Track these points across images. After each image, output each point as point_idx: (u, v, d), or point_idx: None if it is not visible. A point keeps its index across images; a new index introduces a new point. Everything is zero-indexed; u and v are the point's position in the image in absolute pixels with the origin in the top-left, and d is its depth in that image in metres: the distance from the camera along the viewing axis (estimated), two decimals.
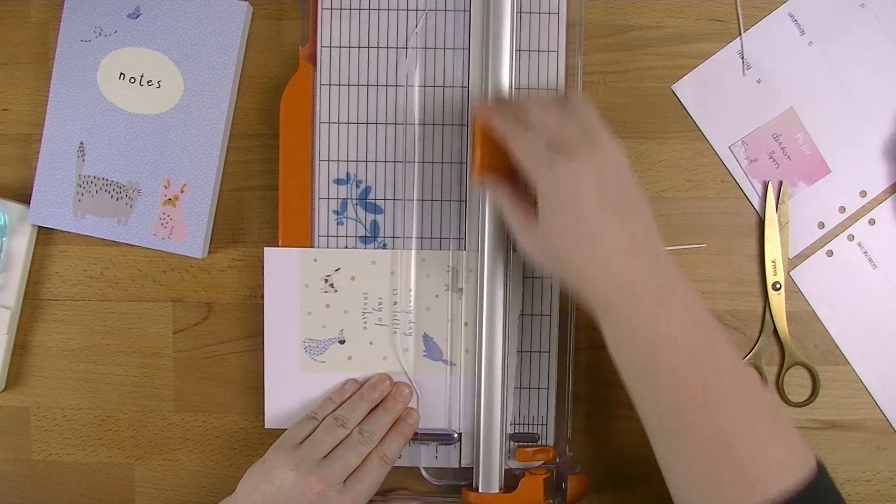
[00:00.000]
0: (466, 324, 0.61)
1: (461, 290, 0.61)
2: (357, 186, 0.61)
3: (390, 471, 0.58)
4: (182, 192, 0.62)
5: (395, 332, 0.61)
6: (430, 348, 0.61)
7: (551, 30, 0.61)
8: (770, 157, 0.62)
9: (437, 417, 0.61)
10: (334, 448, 0.56)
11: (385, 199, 0.61)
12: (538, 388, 0.61)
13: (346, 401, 0.59)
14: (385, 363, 0.61)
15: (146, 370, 0.64)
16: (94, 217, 0.62)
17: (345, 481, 0.55)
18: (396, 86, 0.61)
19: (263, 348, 0.61)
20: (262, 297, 0.61)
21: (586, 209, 0.48)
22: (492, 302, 0.59)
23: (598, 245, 0.48)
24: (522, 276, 0.61)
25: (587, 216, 0.48)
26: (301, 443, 0.56)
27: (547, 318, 0.61)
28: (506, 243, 0.59)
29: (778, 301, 0.62)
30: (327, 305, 0.60)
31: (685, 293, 0.48)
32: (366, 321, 0.61)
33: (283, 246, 0.61)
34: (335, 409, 0.59)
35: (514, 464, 0.61)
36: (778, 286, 0.62)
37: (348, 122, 0.61)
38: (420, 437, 0.61)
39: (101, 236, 0.62)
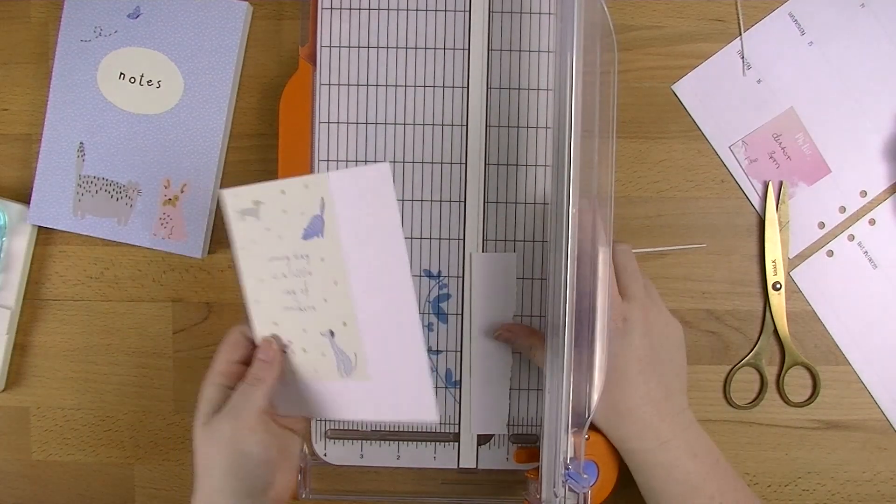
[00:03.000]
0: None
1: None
2: None
3: (387, 472, 0.57)
4: (182, 192, 0.62)
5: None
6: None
7: (551, 30, 0.61)
8: (770, 157, 0.62)
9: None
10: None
11: None
12: (537, 390, 0.61)
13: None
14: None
15: (146, 370, 0.64)
16: (94, 217, 0.62)
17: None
18: (396, 86, 0.61)
19: None
20: None
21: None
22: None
23: (633, 396, 0.53)
24: (516, 277, 0.61)
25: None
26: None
27: (545, 320, 0.61)
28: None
29: (778, 301, 0.62)
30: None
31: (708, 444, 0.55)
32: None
33: None
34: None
35: (512, 465, 0.61)
36: (778, 286, 0.62)
37: (348, 122, 0.61)
38: (420, 437, 0.61)
39: (101, 236, 0.62)
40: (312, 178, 0.50)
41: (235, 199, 0.52)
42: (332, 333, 0.52)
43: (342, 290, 0.50)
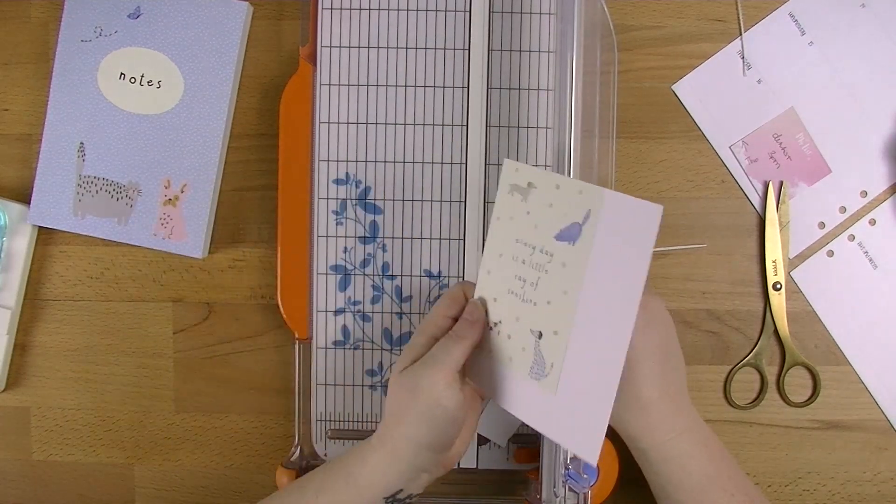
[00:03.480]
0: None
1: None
2: (356, 187, 0.61)
3: None
4: (182, 192, 0.62)
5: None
6: None
7: (552, 30, 0.61)
8: (770, 157, 0.62)
9: None
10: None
11: (384, 200, 0.61)
12: None
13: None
14: None
15: (146, 370, 0.64)
16: (95, 217, 0.62)
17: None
18: (396, 86, 0.61)
19: None
20: (263, 296, 0.61)
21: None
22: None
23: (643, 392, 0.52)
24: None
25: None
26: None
27: None
28: None
29: (778, 301, 0.62)
30: None
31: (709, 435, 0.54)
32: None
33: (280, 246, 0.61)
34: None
35: (512, 465, 0.61)
36: (778, 286, 0.62)
37: (348, 122, 0.61)
38: None
39: (101, 236, 0.62)
40: (589, 186, 0.49)
41: (516, 172, 0.52)
42: (539, 335, 0.51)
43: (569, 301, 0.50)
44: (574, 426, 0.50)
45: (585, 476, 0.55)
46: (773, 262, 0.62)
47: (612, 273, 0.48)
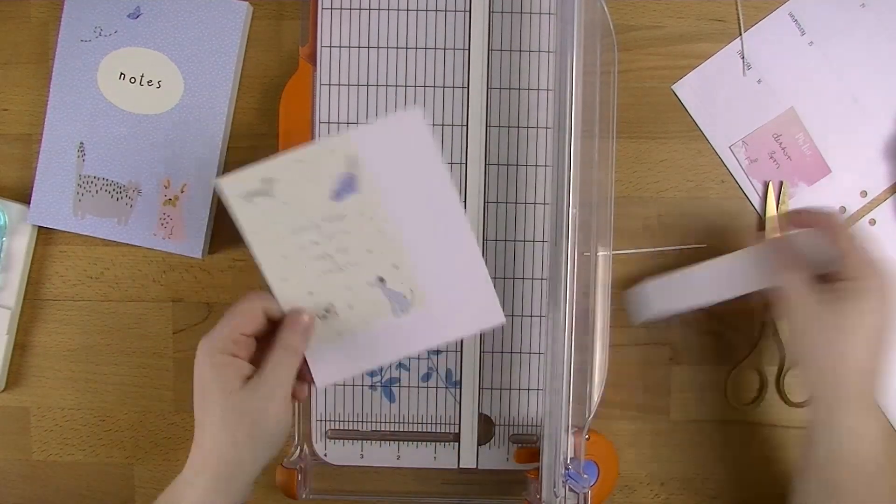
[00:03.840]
0: None
1: None
2: None
3: (387, 472, 0.57)
4: (182, 192, 0.62)
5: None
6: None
7: (552, 30, 0.61)
8: (770, 157, 0.62)
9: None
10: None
11: None
12: (537, 390, 0.61)
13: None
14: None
15: (146, 370, 0.64)
16: (95, 217, 0.62)
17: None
18: (396, 86, 0.61)
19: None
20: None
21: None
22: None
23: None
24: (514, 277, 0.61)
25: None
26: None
27: (545, 320, 0.61)
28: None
29: None
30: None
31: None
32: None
33: None
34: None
35: (512, 465, 0.61)
36: None
37: (348, 122, 0.61)
38: (420, 438, 0.61)
39: (101, 236, 0.62)
40: (333, 139, 0.52)
41: (237, 184, 0.52)
42: (381, 280, 0.54)
43: (390, 235, 0.53)
44: (465, 312, 0.54)
45: (586, 476, 0.55)
46: None
47: (413, 185, 0.52)
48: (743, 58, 0.62)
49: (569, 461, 0.54)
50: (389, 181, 0.52)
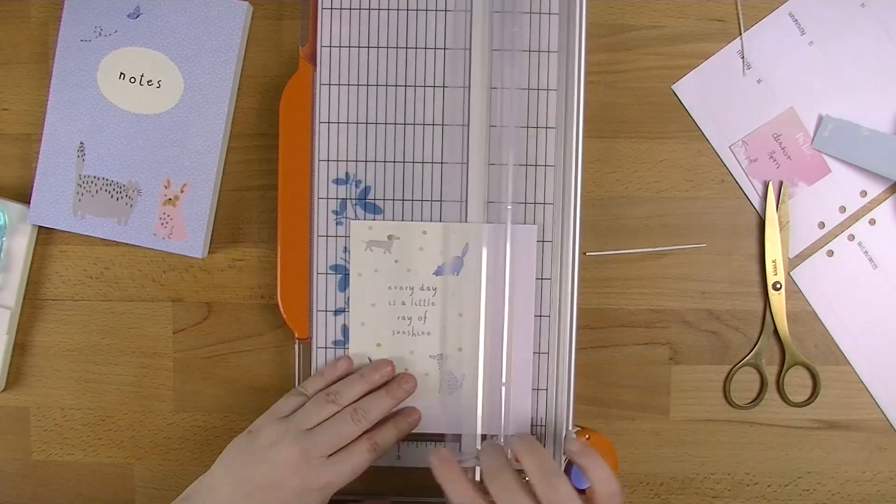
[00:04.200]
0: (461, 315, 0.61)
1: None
2: (356, 186, 0.61)
3: (387, 472, 0.57)
4: (182, 192, 0.62)
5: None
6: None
7: (551, 30, 0.61)
8: (770, 157, 0.62)
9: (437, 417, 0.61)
10: (323, 422, 0.55)
11: (384, 200, 0.61)
12: (537, 390, 0.61)
13: (339, 378, 0.59)
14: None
15: (146, 370, 0.64)
16: (94, 217, 0.62)
17: (329, 457, 0.54)
18: (396, 86, 0.61)
19: None
20: (262, 296, 0.61)
21: None
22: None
23: None
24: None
25: None
26: (289, 416, 0.56)
27: (546, 319, 0.61)
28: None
29: (778, 301, 0.62)
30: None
31: None
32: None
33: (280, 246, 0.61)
34: (327, 386, 0.58)
35: (512, 465, 0.61)
36: (778, 286, 0.62)
37: (348, 122, 0.61)
38: (420, 438, 0.61)
39: (101, 236, 0.62)
40: (459, 226, 0.60)
41: (369, 230, 0.60)
42: (440, 356, 0.60)
43: (467, 320, 0.60)
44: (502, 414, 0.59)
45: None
46: (773, 261, 0.62)
47: (505, 287, 0.59)
48: (743, 58, 0.62)
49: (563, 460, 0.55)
50: (489, 275, 0.59)
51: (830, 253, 0.62)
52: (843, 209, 0.62)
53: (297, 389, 0.58)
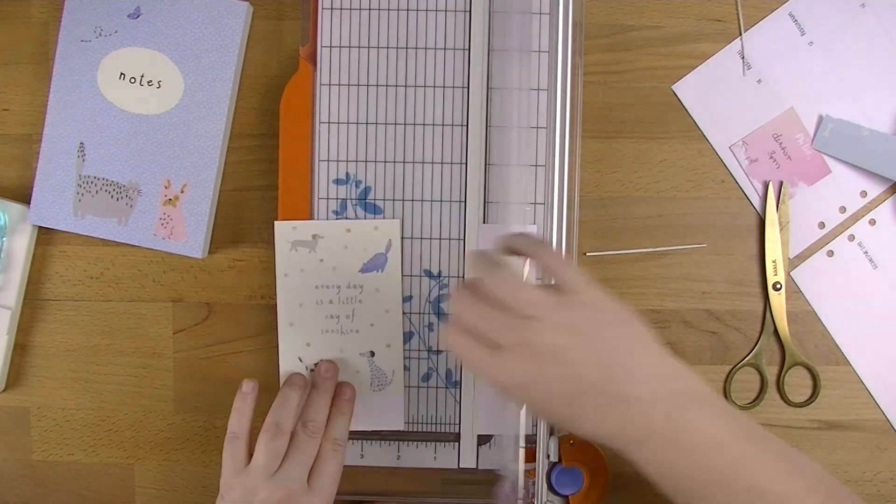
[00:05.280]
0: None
1: None
2: (357, 186, 0.61)
3: (387, 472, 0.57)
4: (182, 192, 0.62)
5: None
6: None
7: (551, 30, 0.61)
8: (770, 157, 0.62)
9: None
10: (285, 454, 0.55)
11: (384, 200, 0.61)
12: None
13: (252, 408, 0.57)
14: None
15: (146, 370, 0.64)
16: (95, 217, 0.62)
17: (308, 481, 0.55)
18: (396, 86, 0.61)
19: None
20: (263, 296, 0.61)
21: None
22: None
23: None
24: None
25: None
26: (248, 466, 0.54)
27: None
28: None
29: (778, 301, 0.62)
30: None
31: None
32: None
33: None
34: (250, 421, 0.57)
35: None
36: (778, 286, 0.62)
37: (348, 122, 0.61)
38: (420, 437, 0.61)
39: (101, 236, 0.62)
40: (383, 221, 0.60)
41: (293, 230, 0.60)
42: (372, 353, 0.61)
43: (393, 316, 0.60)
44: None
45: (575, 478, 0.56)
46: (773, 262, 0.62)
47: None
48: (743, 58, 0.62)
49: (547, 466, 0.55)
50: (411, 272, 0.60)
51: (830, 253, 0.62)
52: (843, 209, 0.62)
53: (230, 436, 0.56)
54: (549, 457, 0.56)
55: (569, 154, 0.53)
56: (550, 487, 0.57)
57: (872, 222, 0.62)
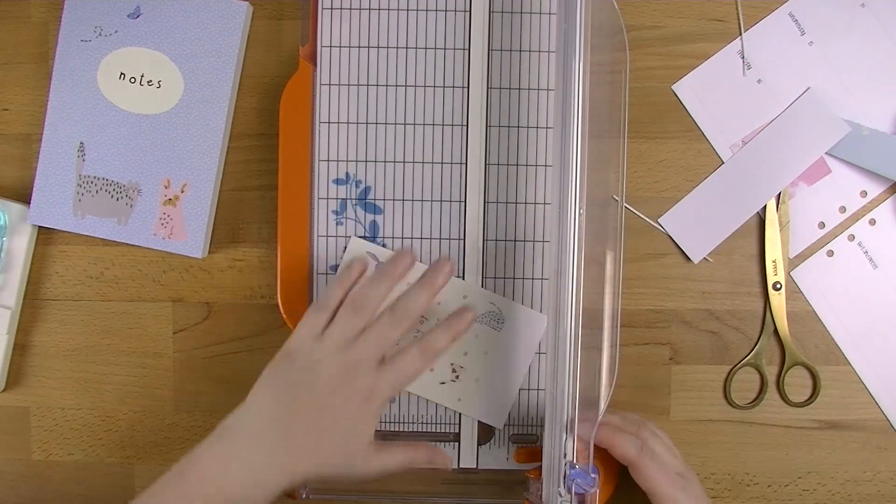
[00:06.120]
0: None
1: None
2: (356, 186, 0.61)
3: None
4: (182, 192, 0.62)
5: None
6: None
7: (552, 30, 0.61)
8: None
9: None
10: (361, 331, 0.51)
11: (384, 200, 0.61)
12: (537, 390, 0.61)
13: (356, 282, 0.54)
14: None
15: (146, 370, 0.64)
16: (95, 217, 0.62)
17: (378, 365, 0.51)
18: (396, 86, 0.61)
19: None
20: (262, 296, 0.61)
21: None
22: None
23: None
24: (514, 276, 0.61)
25: None
26: (322, 333, 0.51)
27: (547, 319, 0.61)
28: None
29: (778, 301, 0.62)
30: None
31: None
32: None
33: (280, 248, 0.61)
34: (346, 293, 0.53)
35: (512, 465, 0.61)
36: (778, 286, 0.62)
37: (348, 122, 0.61)
38: (420, 438, 0.61)
39: (101, 236, 0.62)
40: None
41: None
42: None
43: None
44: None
45: (593, 476, 0.55)
46: (773, 262, 0.62)
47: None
48: (743, 58, 0.62)
49: (575, 461, 0.54)
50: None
51: (830, 253, 0.62)
52: (843, 209, 0.62)
53: (318, 304, 0.53)
54: (565, 455, 0.56)
55: (584, 154, 0.53)
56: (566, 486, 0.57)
57: (872, 222, 0.62)
